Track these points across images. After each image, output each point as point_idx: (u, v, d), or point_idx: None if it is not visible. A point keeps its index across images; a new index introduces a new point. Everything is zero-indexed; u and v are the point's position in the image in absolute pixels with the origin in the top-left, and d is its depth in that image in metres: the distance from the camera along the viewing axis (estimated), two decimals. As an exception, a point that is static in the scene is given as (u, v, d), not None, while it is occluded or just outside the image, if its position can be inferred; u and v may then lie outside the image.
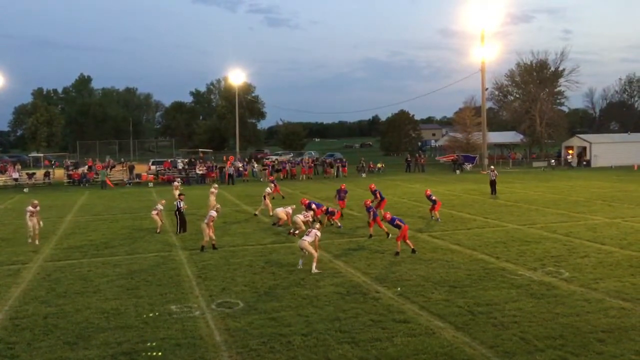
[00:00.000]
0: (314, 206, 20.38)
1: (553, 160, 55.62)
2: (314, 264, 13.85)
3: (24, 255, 16.63)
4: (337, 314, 10.55)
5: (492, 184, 30.06)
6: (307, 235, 14.31)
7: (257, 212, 23.81)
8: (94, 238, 19.22)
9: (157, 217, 20.09)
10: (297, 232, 18.56)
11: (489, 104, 65.64)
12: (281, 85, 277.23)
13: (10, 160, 61.47)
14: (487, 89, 56.91)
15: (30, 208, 18.29)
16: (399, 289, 12.45)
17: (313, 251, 13.98)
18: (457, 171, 50.16)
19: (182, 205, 20.09)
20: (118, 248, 17.44)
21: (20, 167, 48.45)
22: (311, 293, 11.99)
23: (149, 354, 8.86)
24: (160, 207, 20.45)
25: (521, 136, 66.81)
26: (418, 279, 12.99)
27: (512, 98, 70.62)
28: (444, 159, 61.77)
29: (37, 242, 18.01)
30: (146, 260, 15.57)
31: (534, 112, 63.48)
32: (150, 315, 10.71)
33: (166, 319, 10.47)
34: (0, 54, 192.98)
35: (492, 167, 35.01)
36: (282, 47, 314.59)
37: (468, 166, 53.44)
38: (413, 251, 15.62)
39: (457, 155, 55.76)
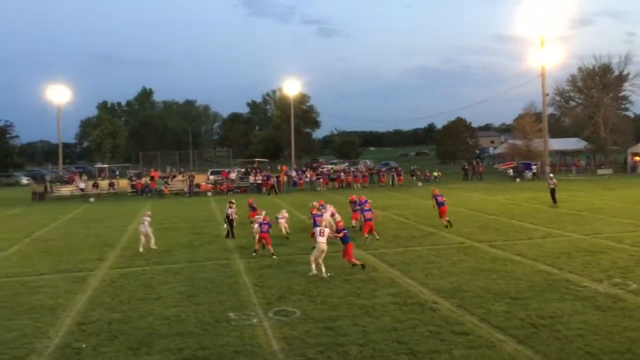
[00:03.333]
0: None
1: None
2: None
3: (90, 262, 17.29)
4: (394, 325, 10.45)
5: (552, 192, 29.21)
6: (321, 235, 14.61)
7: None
8: (156, 246, 19.75)
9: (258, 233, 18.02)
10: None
11: (549, 110, 63.92)
12: (335, 94, 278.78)
13: (77, 171, 64.08)
14: (547, 94, 55.42)
15: (147, 218, 19.56)
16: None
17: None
18: (517, 179, 48.92)
19: (231, 212, 20.83)
20: (179, 256, 17.88)
21: (86, 177, 50.42)
22: (367, 303, 11.93)
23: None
24: (256, 226, 18.68)
25: (584, 143, 64.55)
26: (477, 290, 12.71)
27: (574, 104, 68.44)
28: (503, 166, 60.30)
29: (148, 246, 19.02)
30: (205, 268, 15.90)
31: (598, 117, 61.27)
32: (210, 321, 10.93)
33: (225, 326, 10.65)
34: (67, 70, 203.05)
35: (552, 175, 33.98)
36: (335, 57, 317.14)
37: (528, 174, 51.99)
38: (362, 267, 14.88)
39: (516, 163, 54.37)
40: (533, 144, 59.64)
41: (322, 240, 14.44)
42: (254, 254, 17.26)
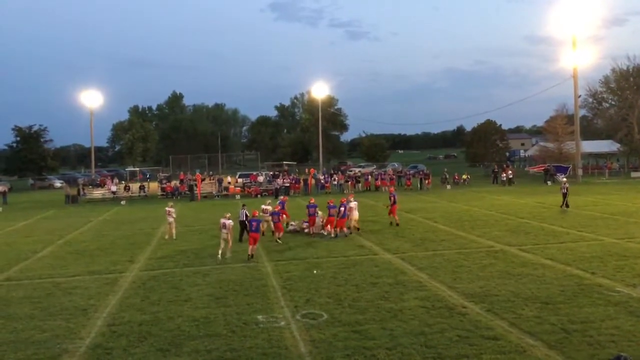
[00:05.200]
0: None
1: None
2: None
3: (121, 264, 17.58)
4: (422, 329, 10.37)
5: (564, 196, 28.53)
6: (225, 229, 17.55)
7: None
8: (185, 248, 19.99)
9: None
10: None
11: (582, 112, 62.71)
12: (363, 97, 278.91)
13: (109, 174, 65.18)
14: (580, 96, 54.40)
15: (172, 210, 22.42)
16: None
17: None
18: (549, 182, 48.10)
19: (248, 215, 20.87)
20: (207, 258, 18.02)
21: (118, 180, 51.24)
22: (395, 306, 11.87)
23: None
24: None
25: (617, 145, 63.15)
26: (507, 295, 12.53)
27: (607, 105, 66.95)
28: (534, 169, 59.36)
29: (167, 237, 22.25)
30: (234, 271, 16.01)
31: (632, 119, 59.81)
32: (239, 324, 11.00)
33: (253, 329, 10.71)
34: (99, 74, 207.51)
35: (565, 179, 33.44)
36: (363, 60, 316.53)
37: (560, 177, 51.07)
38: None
39: (548, 166, 53.46)
40: (565, 146, 58.58)
41: (225, 231, 17.50)
42: (278, 240, 20.54)
